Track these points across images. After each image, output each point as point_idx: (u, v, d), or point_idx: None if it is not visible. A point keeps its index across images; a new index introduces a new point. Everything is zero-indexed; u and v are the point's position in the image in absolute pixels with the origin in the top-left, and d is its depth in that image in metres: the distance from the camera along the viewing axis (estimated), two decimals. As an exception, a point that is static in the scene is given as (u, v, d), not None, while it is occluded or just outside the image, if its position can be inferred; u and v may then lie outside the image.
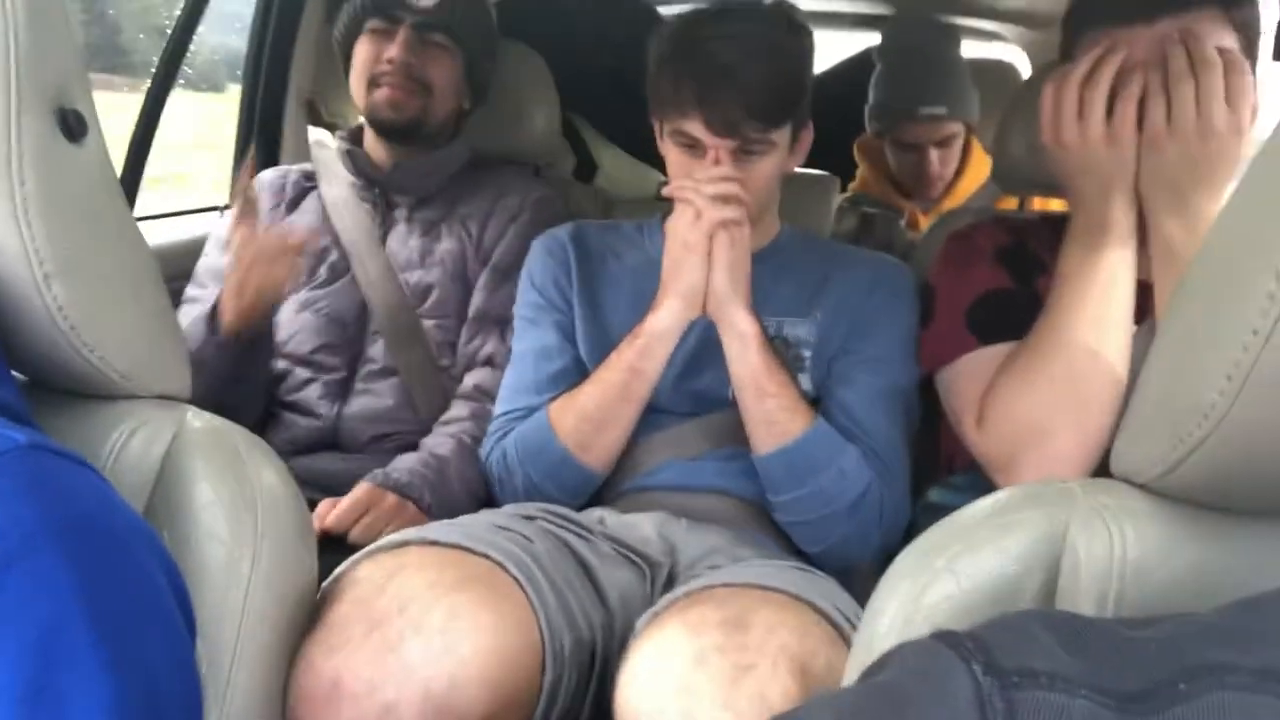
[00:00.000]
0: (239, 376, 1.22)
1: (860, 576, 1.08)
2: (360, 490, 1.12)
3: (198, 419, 0.67)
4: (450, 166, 1.37)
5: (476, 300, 1.32)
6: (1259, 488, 0.44)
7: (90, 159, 0.60)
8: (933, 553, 0.52)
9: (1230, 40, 0.88)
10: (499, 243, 1.34)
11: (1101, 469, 0.86)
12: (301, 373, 1.30)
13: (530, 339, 1.17)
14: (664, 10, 2.10)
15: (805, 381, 1.10)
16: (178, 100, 1.57)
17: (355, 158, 1.34)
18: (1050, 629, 0.37)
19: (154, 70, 1.52)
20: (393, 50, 1.28)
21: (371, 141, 1.36)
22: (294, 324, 1.31)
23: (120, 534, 0.52)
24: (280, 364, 1.32)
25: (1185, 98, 0.83)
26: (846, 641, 0.77)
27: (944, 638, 0.39)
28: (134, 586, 0.52)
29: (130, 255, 0.65)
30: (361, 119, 1.37)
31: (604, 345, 1.11)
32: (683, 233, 1.01)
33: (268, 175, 1.41)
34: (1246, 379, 0.39)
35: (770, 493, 1.05)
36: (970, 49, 2.09)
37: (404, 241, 1.33)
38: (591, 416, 1.07)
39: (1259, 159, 0.41)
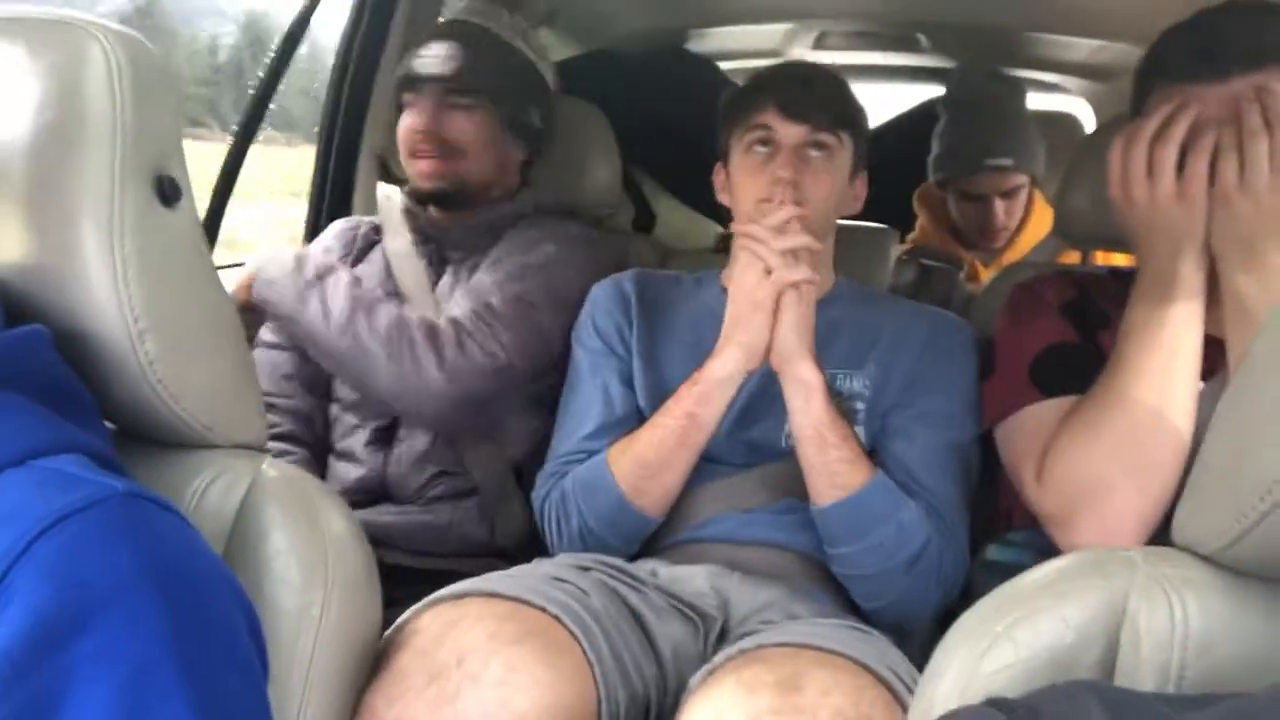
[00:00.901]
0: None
1: (917, 637, 1.06)
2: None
3: (273, 469, 0.70)
4: (504, 223, 1.36)
5: (485, 279, 1.29)
6: (1325, 563, 0.44)
7: (182, 222, 0.64)
8: (992, 619, 0.52)
9: None
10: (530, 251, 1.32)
11: (1162, 529, 0.85)
12: (349, 419, 1.33)
13: (592, 384, 1.18)
14: (724, 65, 2.14)
15: (860, 435, 1.10)
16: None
17: (415, 216, 1.36)
18: (1102, 703, 0.37)
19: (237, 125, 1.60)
20: (418, 121, 1.30)
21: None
22: None
23: (207, 579, 0.55)
24: (333, 409, 1.36)
25: (1259, 154, 0.83)
26: (902, 704, 0.76)
27: (999, 704, 0.39)
28: (218, 630, 0.54)
29: (215, 311, 0.68)
30: None
31: (659, 394, 1.12)
32: (750, 289, 1.02)
33: (340, 224, 1.45)
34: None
35: (829, 545, 1.05)
36: (1033, 100, 2.09)
37: (449, 292, 1.33)
38: (648, 461, 1.07)
39: None
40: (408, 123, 1.31)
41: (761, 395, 1.11)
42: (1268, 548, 0.44)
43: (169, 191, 0.62)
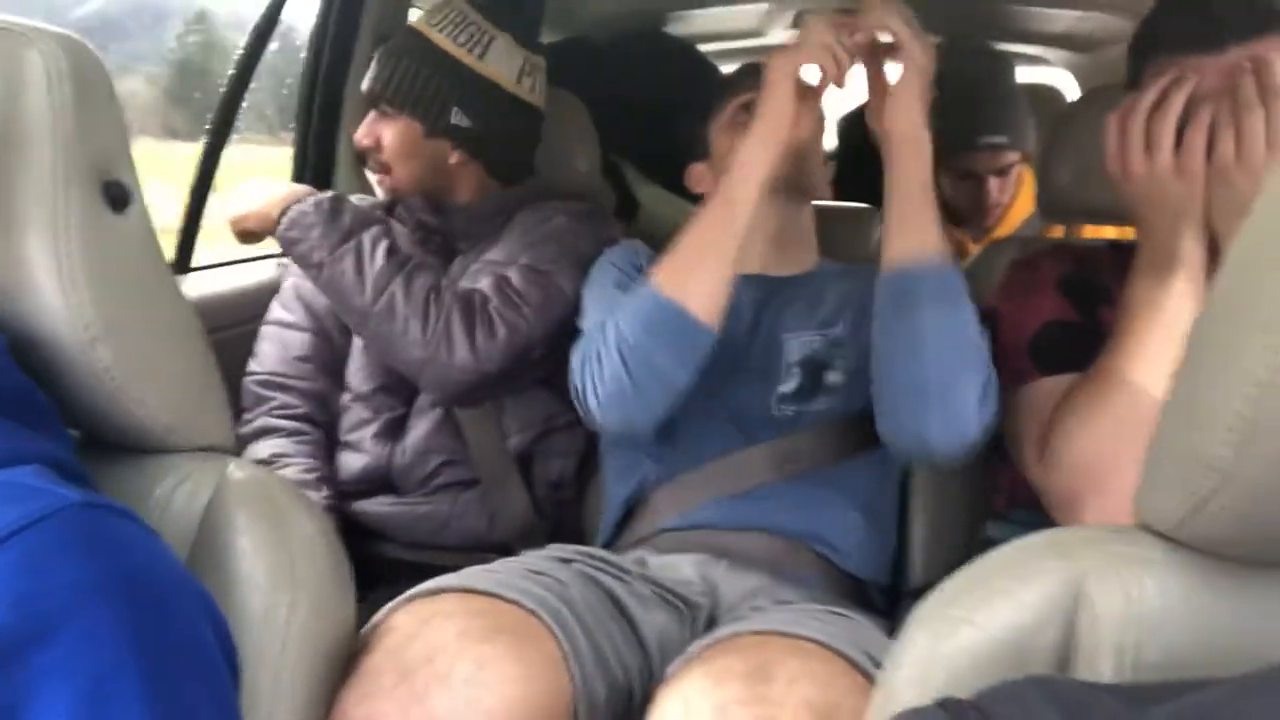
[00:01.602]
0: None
1: (903, 618, 1.06)
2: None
3: (239, 470, 0.70)
4: (511, 207, 1.35)
5: (498, 254, 1.29)
6: (1273, 540, 0.43)
7: (133, 227, 0.64)
8: (952, 602, 0.52)
9: None
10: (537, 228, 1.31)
11: None
12: (360, 411, 1.33)
13: (614, 288, 1.14)
14: (704, 48, 2.13)
15: (839, 380, 1.11)
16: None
17: (413, 209, 1.34)
18: (1054, 701, 0.37)
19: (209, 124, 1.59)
20: (359, 133, 1.31)
21: None
22: (359, 361, 1.34)
23: (169, 588, 0.54)
24: (345, 398, 1.35)
25: (1254, 128, 0.81)
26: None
27: (948, 705, 0.39)
28: (182, 640, 0.54)
29: (171, 314, 0.68)
30: None
31: None
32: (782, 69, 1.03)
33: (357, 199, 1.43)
34: (1251, 432, 0.38)
35: (910, 312, 0.98)
36: (1017, 74, 2.07)
37: (456, 281, 1.32)
38: (686, 253, 1.03)
39: (1264, 206, 0.41)
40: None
41: (748, 355, 1.11)
42: (1218, 524, 0.43)
43: (118, 196, 0.62)
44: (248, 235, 1.30)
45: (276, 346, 1.35)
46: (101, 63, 0.62)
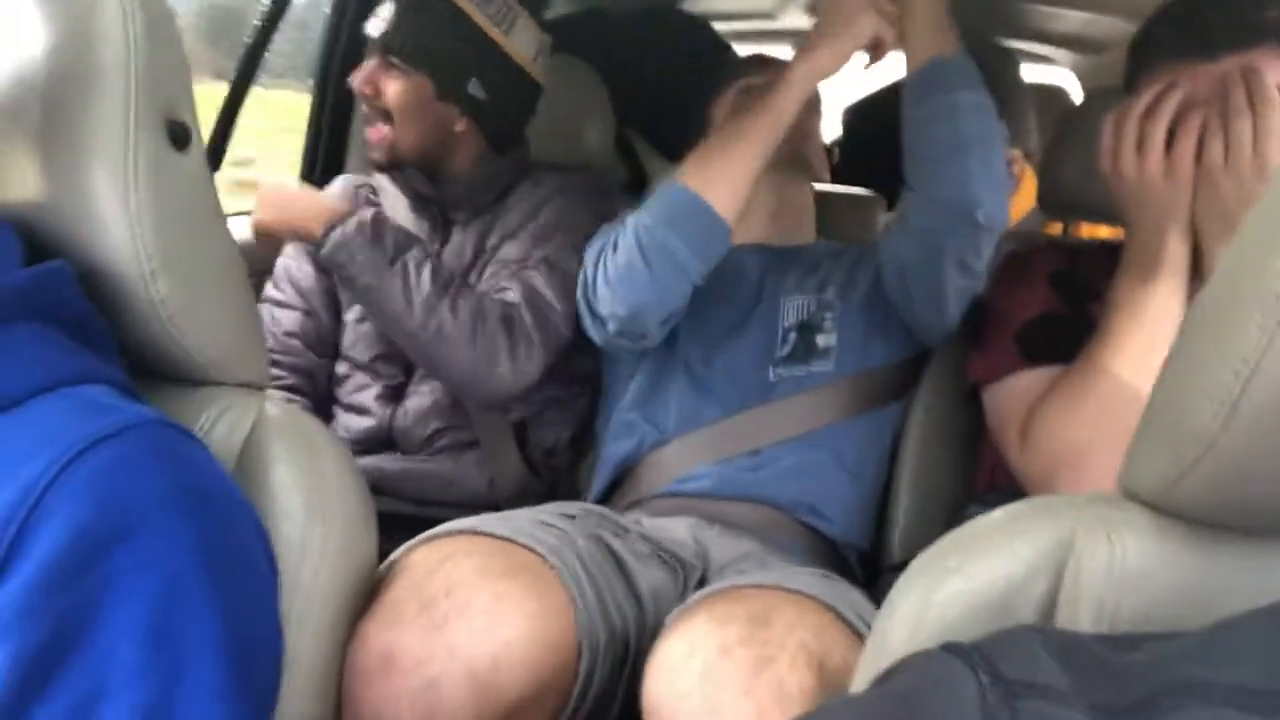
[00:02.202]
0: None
1: (884, 586, 1.11)
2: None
3: (275, 407, 0.73)
4: (507, 177, 1.37)
5: (513, 251, 1.30)
6: (1251, 508, 0.48)
7: (192, 166, 0.66)
8: (945, 555, 0.56)
9: None
10: (540, 210, 1.33)
11: None
12: (361, 377, 1.36)
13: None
14: (718, 26, 2.15)
15: (833, 341, 1.15)
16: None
17: (408, 178, 1.35)
18: (1047, 647, 0.41)
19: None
20: (359, 80, 1.28)
21: None
22: (356, 331, 1.36)
23: (229, 505, 0.59)
24: (341, 367, 1.38)
25: (1242, 134, 0.85)
26: (863, 643, 0.81)
27: (952, 649, 0.43)
28: (239, 549, 0.58)
29: (221, 253, 0.71)
30: None
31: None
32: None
33: (341, 183, 1.45)
34: (1236, 407, 0.43)
35: (941, 94, 1.03)
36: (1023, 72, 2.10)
37: (458, 254, 1.35)
38: (715, 151, 1.06)
39: (1270, 195, 0.45)
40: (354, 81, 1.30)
41: (751, 319, 1.15)
42: (1200, 493, 0.48)
43: (180, 136, 0.65)
44: (269, 235, 1.32)
45: (267, 321, 1.37)
46: (167, 3, 0.65)
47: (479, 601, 0.77)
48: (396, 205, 1.39)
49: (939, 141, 1.02)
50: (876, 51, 1.09)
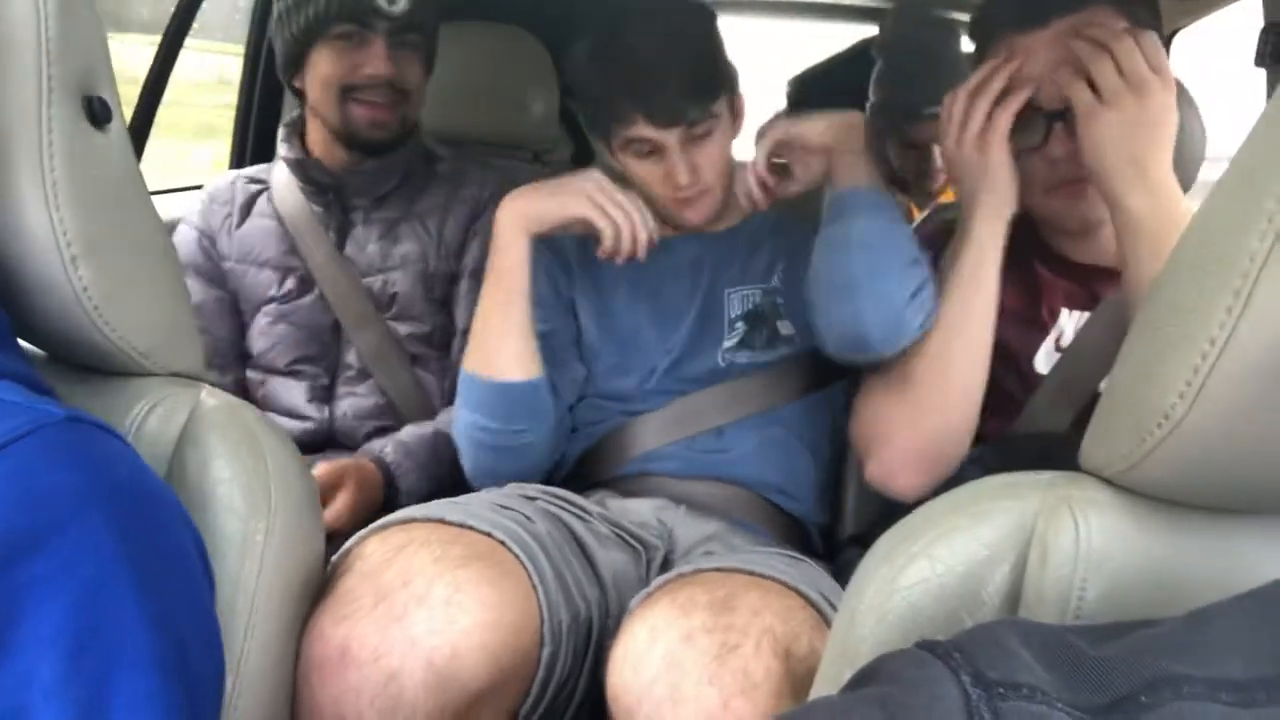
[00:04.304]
0: None
1: (848, 568, 1.11)
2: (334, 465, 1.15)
3: (212, 397, 0.70)
4: (405, 164, 1.32)
5: (461, 316, 1.30)
6: (1214, 486, 0.48)
7: (113, 144, 0.63)
8: (910, 539, 0.55)
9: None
10: (467, 246, 1.31)
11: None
12: (281, 382, 1.32)
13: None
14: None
15: (790, 328, 1.15)
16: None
17: (306, 166, 1.29)
18: (1027, 643, 0.40)
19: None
20: (374, 65, 1.23)
21: (325, 144, 1.31)
22: (270, 336, 1.32)
23: (153, 500, 0.56)
24: (254, 375, 1.33)
25: (1106, 68, 0.85)
26: (828, 624, 0.80)
27: (931, 647, 0.42)
28: (167, 549, 0.55)
29: (149, 237, 0.67)
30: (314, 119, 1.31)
31: (611, 330, 1.15)
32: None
33: (210, 189, 1.38)
34: (1203, 386, 0.42)
35: (828, 222, 1.03)
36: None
37: (363, 246, 1.30)
38: (482, 333, 1.08)
39: (1227, 173, 0.44)
40: (350, 62, 1.23)
41: (690, 313, 1.15)
42: (1164, 470, 0.47)
43: (99, 112, 0.61)
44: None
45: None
46: (82, -27, 0.61)
47: (438, 591, 0.75)
48: (286, 196, 1.32)
49: (832, 280, 1.00)
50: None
